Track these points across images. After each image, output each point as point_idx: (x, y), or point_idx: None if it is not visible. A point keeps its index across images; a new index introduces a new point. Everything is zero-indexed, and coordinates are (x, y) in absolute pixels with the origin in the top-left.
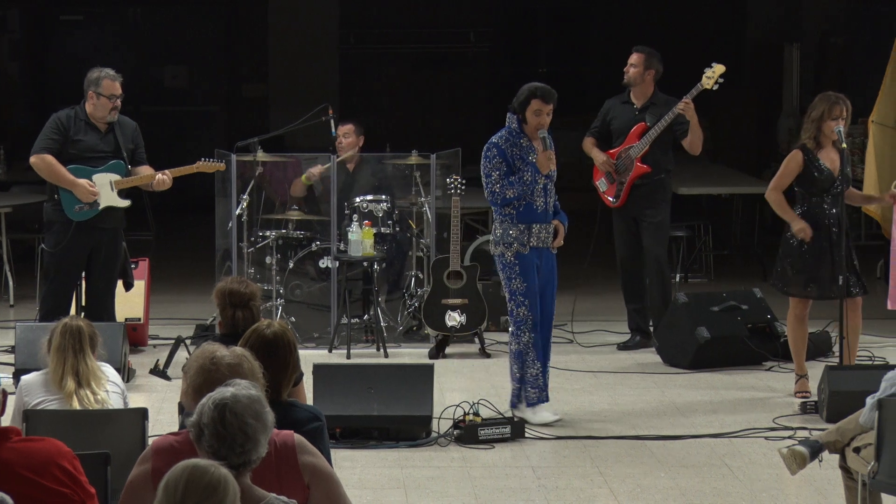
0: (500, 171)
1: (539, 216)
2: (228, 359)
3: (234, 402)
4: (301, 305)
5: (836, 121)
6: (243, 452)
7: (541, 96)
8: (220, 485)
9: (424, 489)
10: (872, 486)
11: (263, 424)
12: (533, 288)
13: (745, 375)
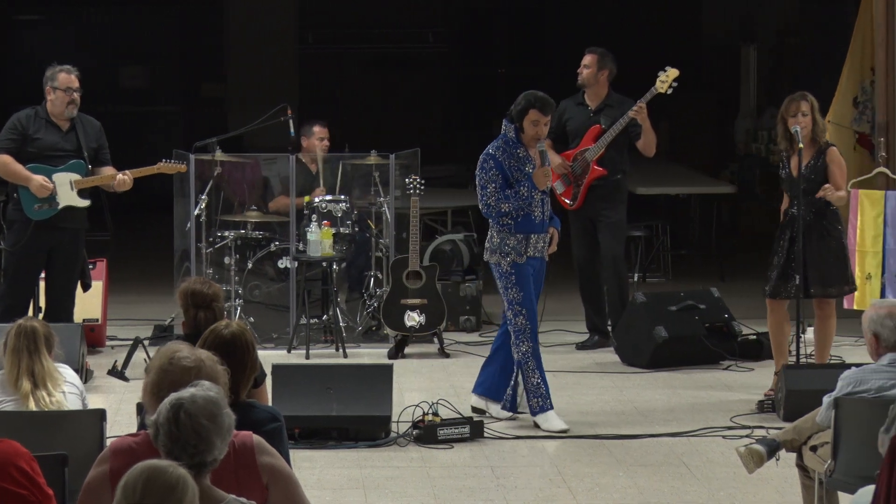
0: (496, 184)
1: (537, 227)
2: (187, 361)
3: (190, 403)
4: (260, 306)
5: (794, 117)
6: (196, 453)
7: (539, 107)
8: (178, 484)
9: (383, 489)
10: (829, 485)
11: (218, 426)
12: (530, 297)
13: (703, 375)
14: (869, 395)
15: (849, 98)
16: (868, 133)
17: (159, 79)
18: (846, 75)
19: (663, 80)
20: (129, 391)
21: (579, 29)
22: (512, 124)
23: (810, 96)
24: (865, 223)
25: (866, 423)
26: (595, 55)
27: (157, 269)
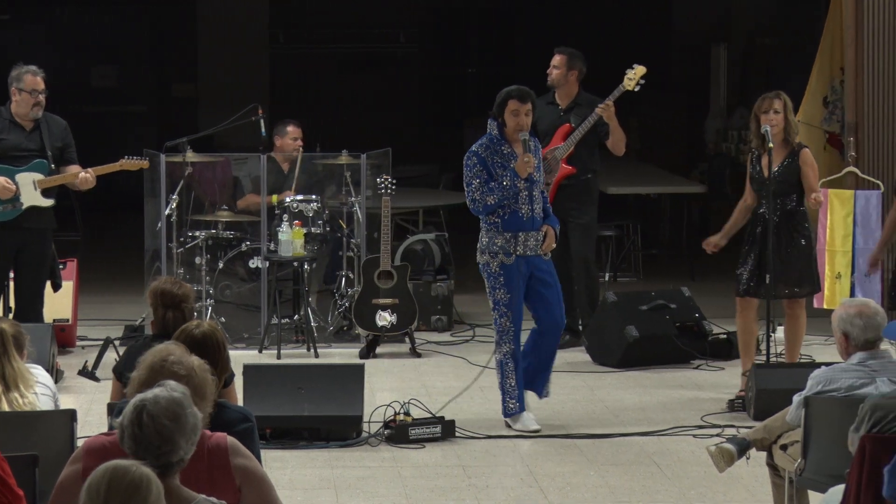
0: (480, 179)
1: (525, 224)
2: (177, 368)
3: (153, 404)
4: (231, 306)
5: (766, 114)
6: (161, 454)
7: (516, 96)
8: (142, 484)
9: (355, 489)
10: (799, 484)
11: (181, 426)
12: (516, 299)
13: (674, 374)
14: (839, 394)
15: (819, 98)
16: (838, 133)
17: (130, 78)
18: (816, 75)
19: (631, 77)
20: (100, 391)
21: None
22: (495, 121)
23: (784, 95)
24: (835, 223)
25: (836, 422)
26: (564, 55)
27: (128, 269)
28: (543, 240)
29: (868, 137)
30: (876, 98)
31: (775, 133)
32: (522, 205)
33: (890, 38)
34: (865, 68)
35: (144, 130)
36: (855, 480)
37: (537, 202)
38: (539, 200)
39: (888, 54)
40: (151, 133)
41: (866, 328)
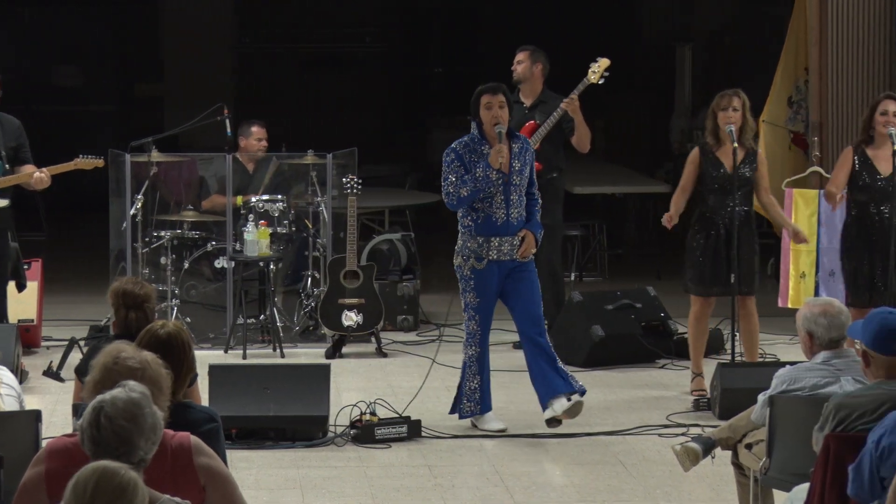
0: (456, 175)
1: (499, 229)
2: (132, 362)
3: (110, 406)
4: (196, 306)
5: (725, 111)
6: (119, 455)
7: (487, 90)
8: (129, 487)
9: (321, 489)
10: (764, 483)
11: (139, 427)
12: (485, 304)
13: (639, 373)
14: (803, 393)
15: (783, 98)
16: (802, 132)
17: (94, 78)
18: (780, 75)
19: (595, 70)
20: (65, 392)
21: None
22: (474, 120)
23: (743, 94)
24: (800, 222)
25: (801, 421)
26: (527, 51)
27: (93, 270)
28: (521, 244)
29: (832, 137)
30: (840, 98)
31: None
32: (497, 209)
33: (854, 38)
34: (829, 68)
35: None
36: (819, 479)
37: (516, 206)
38: (518, 205)
39: (852, 54)
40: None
41: (830, 327)
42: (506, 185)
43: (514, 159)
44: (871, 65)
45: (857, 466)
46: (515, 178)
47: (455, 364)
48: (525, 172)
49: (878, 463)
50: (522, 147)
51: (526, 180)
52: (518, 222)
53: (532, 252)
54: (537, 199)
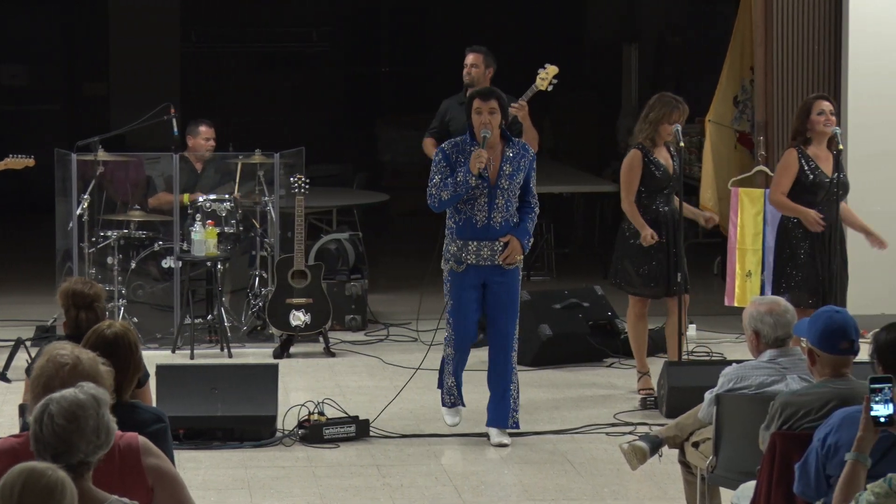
0: (441, 175)
1: (479, 232)
2: (63, 358)
3: (55, 404)
4: (144, 306)
5: (672, 125)
6: (57, 455)
7: (479, 94)
8: (57, 487)
9: (269, 489)
10: (711, 481)
11: (79, 428)
12: (460, 307)
13: (587, 372)
14: (750, 391)
15: (729, 97)
16: (748, 132)
17: (40, 77)
18: (726, 74)
19: (543, 77)
20: (11, 392)
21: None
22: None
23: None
24: (745, 221)
25: (747, 420)
26: (480, 54)
27: (39, 270)
28: (504, 249)
29: (778, 136)
30: (785, 97)
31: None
32: (479, 212)
33: (799, 37)
34: (775, 68)
35: (55, 129)
36: (766, 477)
37: (500, 211)
38: (504, 210)
39: (797, 54)
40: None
41: (776, 326)
42: (491, 188)
43: (506, 163)
44: (816, 64)
45: (803, 465)
46: (504, 183)
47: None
48: (517, 178)
49: (824, 461)
50: (519, 153)
51: (518, 186)
52: (502, 227)
53: (517, 259)
54: (533, 209)
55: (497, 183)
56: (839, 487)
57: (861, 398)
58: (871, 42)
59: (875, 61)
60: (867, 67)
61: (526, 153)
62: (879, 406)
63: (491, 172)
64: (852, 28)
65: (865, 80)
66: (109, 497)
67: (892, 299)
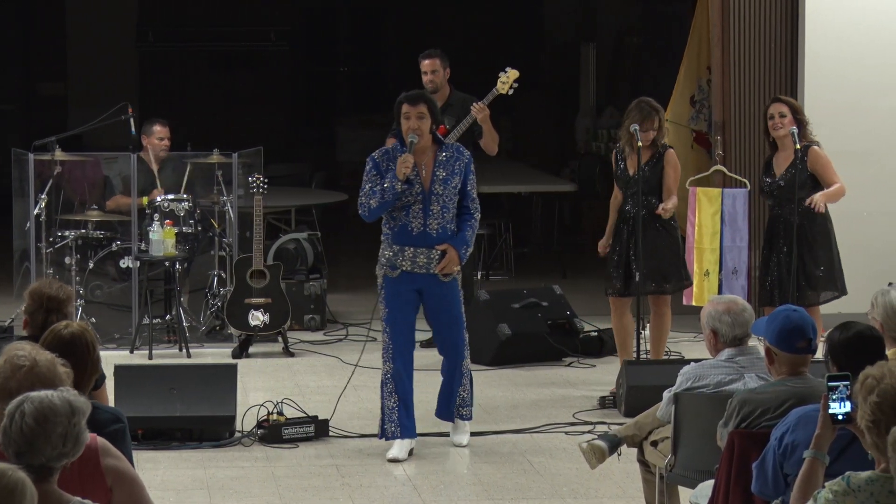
0: (371, 184)
1: (415, 239)
2: (20, 360)
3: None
4: (102, 306)
5: (646, 133)
6: (20, 454)
7: (406, 99)
8: (16, 488)
9: (228, 489)
10: (669, 479)
11: (46, 432)
12: (395, 316)
13: (546, 371)
14: (708, 390)
15: (686, 97)
16: (705, 131)
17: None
18: (683, 74)
19: (504, 80)
20: None
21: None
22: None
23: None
24: (703, 220)
25: (706, 418)
26: (436, 58)
27: None
28: (441, 258)
29: (735, 136)
30: (742, 97)
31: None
32: (414, 219)
33: (755, 37)
34: (732, 68)
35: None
36: (724, 476)
37: (436, 217)
38: (440, 216)
39: (754, 54)
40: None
41: (734, 325)
42: (425, 195)
43: (439, 168)
44: (773, 64)
45: (760, 464)
46: (438, 188)
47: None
48: (451, 183)
49: (782, 460)
50: (453, 156)
51: (454, 191)
52: (439, 235)
53: (454, 269)
54: (472, 215)
55: (431, 189)
56: (797, 485)
57: (818, 397)
58: (828, 42)
59: (832, 61)
60: (824, 67)
61: (460, 156)
62: (837, 404)
63: (424, 178)
64: (808, 28)
65: (822, 80)
66: (72, 499)
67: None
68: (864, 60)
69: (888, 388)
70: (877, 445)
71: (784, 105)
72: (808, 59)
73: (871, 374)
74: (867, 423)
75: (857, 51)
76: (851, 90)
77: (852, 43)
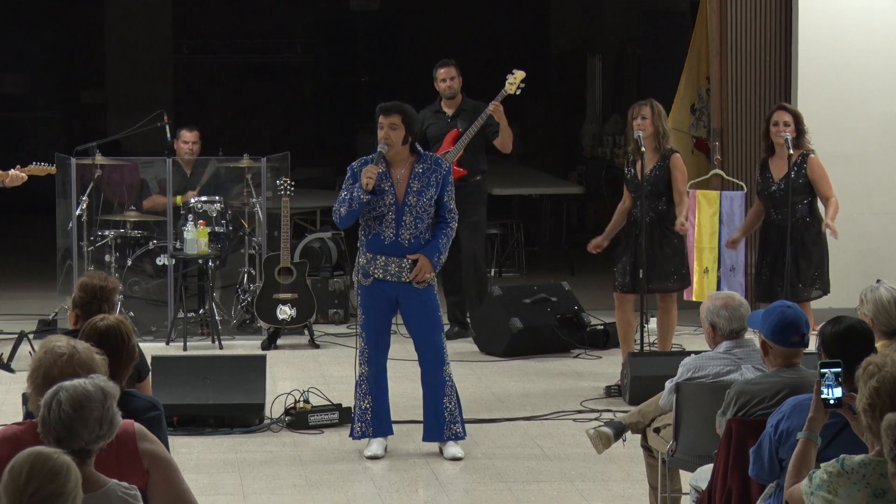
0: (348, 192)
1: (387, 248)
2: (60, 349)
3: (63, 392)
4: (139, 301)
5: (634, 120)
6: (59, 440)
7: (381, 110)
8: (62, 471)
9: (257, 472)
10: (671, 464)
11: (83, 417)
12: (370, 321)
13: (555, 362)
14: (707, 380)
15: (687, 105)
16: (704, 138)
17: (41, 86)
18: (684, 83)
19: (511, 81)
20: (15, 382)
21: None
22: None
23: (656, 104)
24: (702, 221)
25: (705, 407)
26: (452, 66)
27: (41, 267)
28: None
29: (732, 142)
30: (739, 105)
31: (646, 138)
32: (387, 227)
33: (751, 50)
34: (729, 78)
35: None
36: (722, 460)
37: (408, 228)
38: (413, 227)
39: (750, 66)
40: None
41: (731, 319)
42: (398, 205)
43: (414, 180)
44: (767, 75)
45: (757, 449)
46: (411, 199)
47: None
48: (426, 195)
49: (777, 445)
50: (430, 168)
51: (428, 203)
52: (411, 244)
53: (427, 277)
54: (448, 223)
55: (404, 200)
56: (792, 464)
57: (811, 387)
58: (820, 54)
59: (823, 73)
60: (816, 78)
61: (438, 168)
62: (828, 389)
63: (398, 189)
64: (801, 41)
65: (815, 90)
66: (110, 481)
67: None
68: (853, 72)
69: (888, 376)
70: (871, 428)
71: (788, 114)
72: (801, 69)
73: (874, 362)
74: (864, 406)
75: (848, 63)
76: (842, 100)
77: (843, 56)
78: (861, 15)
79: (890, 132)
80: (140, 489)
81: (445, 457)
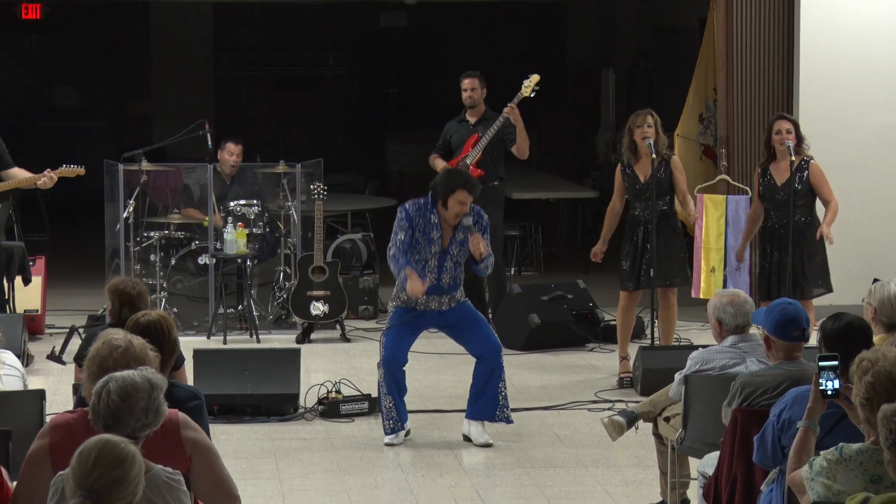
0: (404, 234)
1: (428, 289)
2: (117, 341)
3: (113, 382)
4: (182, 297)
5: (640, 128)
6: (108, 427)
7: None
8: (127, 458)
9: (292, 458)
10: (680, 451)
11: (130, 406)
12: (397, 333)
13: (571, 356)
14: (714, 372)
15: (695, 114)
16: (712, 145)
17: (90, 97)
18: (692, 94)
19: (527, 85)
20: (66, 373)
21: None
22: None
23: (654, 112)
24: (709, 223)
25: (712, 397)
26: (476, 78)
27: (91, 265)
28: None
29: (737, 149)
30: (744, 115)
31: None
32: (429, 272)
33: (756, 62)
34: (735, 89)
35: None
36: (728, 448)
37: (447, 273)
38: (451, 271)
39: (755, 77)
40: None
41: (737, 315)
42: (442, 254)
43: (459, 231)
44: (771, 87)
45: (761, 437)
46: (454, 250)
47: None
48: (467, 245)
49: (780, 434)
50: (475, 221)
51: (467, 251)
52: (450, 286)
53: (481, 247)
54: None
55: (448, 249)
56: (792, 451)
57: (811, 379)
58: (821, 67)
59: (824, 84)
60: (817, 89)
61: (479, 219)
62: (826, 381)
63: (445, 238)
64: (803, 55)
65: (816, 101)
66: (155, 467)
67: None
68: (852, 84)
69: (881, 370)
70: (868, 420)
71: (790, 123)
72: (802, 81)
73: (867, 358)
74: (861, 401)
75: (847, 75)
76: (841, 110)
77: (842, 69)
78: (859, 31)
79: (887, 142)
80: (183, 474)
81: (477, 443)
